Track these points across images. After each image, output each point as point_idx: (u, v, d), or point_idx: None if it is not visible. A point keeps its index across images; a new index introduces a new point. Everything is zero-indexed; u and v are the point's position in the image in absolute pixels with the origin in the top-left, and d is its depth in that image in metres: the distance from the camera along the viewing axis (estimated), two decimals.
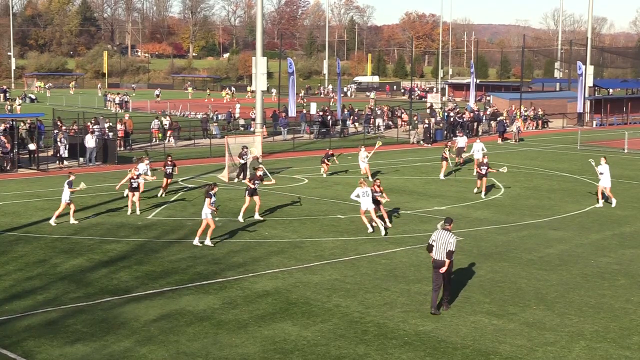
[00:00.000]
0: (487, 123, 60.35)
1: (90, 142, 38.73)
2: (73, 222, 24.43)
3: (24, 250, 21.02)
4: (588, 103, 69.14)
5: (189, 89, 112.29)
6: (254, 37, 62.66)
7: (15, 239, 22.30)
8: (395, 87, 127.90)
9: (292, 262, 20.13)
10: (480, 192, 30.66)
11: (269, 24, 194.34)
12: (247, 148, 33.76)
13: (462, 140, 40.38)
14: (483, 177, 30.65)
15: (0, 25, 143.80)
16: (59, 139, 38.52)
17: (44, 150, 40.30)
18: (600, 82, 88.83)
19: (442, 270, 15.89)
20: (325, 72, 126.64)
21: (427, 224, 24.69)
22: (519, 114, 61.60)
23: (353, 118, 60.89)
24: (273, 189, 30.46)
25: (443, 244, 15.86)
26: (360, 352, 13.94)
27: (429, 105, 69.99)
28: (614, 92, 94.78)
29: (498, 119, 56.56)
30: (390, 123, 61.06)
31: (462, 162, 38.88)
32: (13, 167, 36.36)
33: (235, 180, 33.18)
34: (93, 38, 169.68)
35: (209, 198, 21.50)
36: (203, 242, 21.72)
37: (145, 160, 29.49)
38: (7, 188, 31.32)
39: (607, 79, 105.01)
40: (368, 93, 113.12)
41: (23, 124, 42.18)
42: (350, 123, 59.52)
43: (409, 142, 51.17)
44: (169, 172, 29.30)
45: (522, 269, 19.65)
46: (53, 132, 41.49)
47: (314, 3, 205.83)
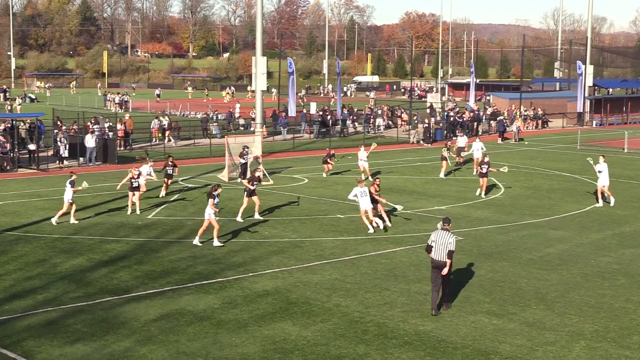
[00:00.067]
0: (487, 123, 60.36)
1: (90, 141, 38.74)
2: (73, 221, 24.44)
3: (24, 250, 21.03)
4: (588, 103, 69.13)
5: (189, 89, 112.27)
6: (254, 36, 62.66)
7: (15, 239, 22.31)
8: (395, 86, 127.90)
9: (292, 261, 20.14)
10: (483, 195, 30.51)
11: (269, 24, 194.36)
12: (248, 148, 33.79)
13: (462, 140, 40.51)
14: (484, 176, 30.63)
15: (0, 25, 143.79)
16: (59, 139, 38.53)
17: (44, 150, 40.31)
18: (600, 81, 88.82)
19: (444, 272, 15.88)
20: (325, 71, 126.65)
21: (427, 224, 24.69)
22: (519, 114, 61.61)
23: (352, 118, 60.93)
24: (273, 189, 30.46)
25: (443, 245, 15.85)
26: (360, 351, 13.94)
27: (429, 105, 69.99)
28: (614, 91, 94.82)
29: (498, 119, 56.58)
30: (390, 123, 61.06)
31: (462, 161, 38.92)
32: (13, 166, 36.38)
33: (238, 180, 33.19)
34: (93, 38, 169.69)
35: (212, 199, 21.50)
36: (203, 242, 21.73)
37: (150, 162, 29.55)
38: (7, 188, 31.34)
39: (607, 79, 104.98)
40: (368, 93, 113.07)
41: (23, 124, 42.18)
42: (350, 123, 59.54)
43: (409, 141, 51.17)
44: (169, 172, 29.33)
45: (522, 269, 19.65)
46: (53, 132, 41.50)
47: (314, 3, 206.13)
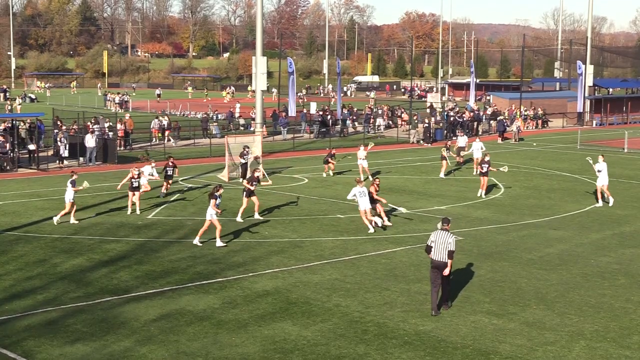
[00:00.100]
0: (487, 122, 60.36)
1: (91, 141, 38.74)
2: (73, 221, 24.44)
3: (24, 250, 21.03)
4: (588, 102, 69.14)
5: (189, 89, 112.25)
6: (254, 36, 62.68)
7: (15, 239, 22.31)
8: (395, 86, 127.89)
9: (292, 261, 20.13)
10: (483, 195, 30.46)
11: (269, 24, 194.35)
12: (248, 148, 33.75)
13: (462, 140, 40.54)
14: (484, 175, 30.58)
15: (0, 25, 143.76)
16: (59, 139, 38.53)
17: (44, 150, 40.31)
18: (600, 81, 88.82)
19: (445, 273, 15.88)
20: (325, 71, 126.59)
21: (427, 224, 24.69)
22: (519, 114, 61.62)
23: (352, 118, 60.91)
24: (273, 189, 30.47)
25: (442, 245, 15.84)
26: (360, 351, 13.94)
27: (429, 105, 70.00)
28: (614, 91, 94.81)
29: (498, 119, 56.58)
30: (390, 123, 61.06)
31: (462, 161, 38.93)
32: (13, 166, 36.38)
33: (240, 181, 33.19)
34: (93, 38, 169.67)
35: (214, 199, 21.49)
36: (203, 242, 21.73)
37: (152, 163, 29.53)
38: (7, 188, 31.33)
39: (607, 79, 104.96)
40: (368, 92, 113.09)
41: (23, 124, 42.19)
42: (350, 123, 59.52)
43: (409, 141, 51.17)
44: (170, 173, 29.24)
45: (522, 269, 19.65)
46: (53, 131, 41.50)
47: (314, 3, 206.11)
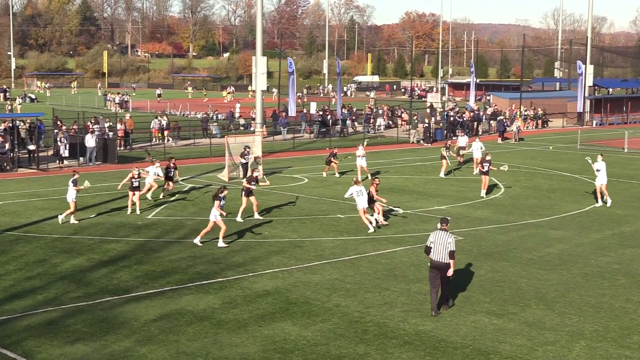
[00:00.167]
0: (487, 122, 60.35)
1: (91, 141, 38.74)
2: (73, 221, 24.44)
3: (24, 250, 21.03)
4: (588, 102, 69.13)
5: (189, 89, 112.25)
6: (254, 36, 62.67)
7: (15, 239, 22.31)
8: (395, 86, 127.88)
9: (292, 261, 20.13)
10: (484, 195, 30.41)
11: (269, 24, 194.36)
12: (249, 148, 33.71)
13: (462, 140, 40.55)
14: (485, 174, 30.53)
15: (0, 25, 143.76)
16: (59, 139, 38.53)
17: (44, 150, 40.31)
18: (600, 81, 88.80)
19: (450, 273, 15.90)
20: (325, 71, 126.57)
21: (427, 224, 24.68)
22: (519, 114, 61.61)
23: (352, 118, 60.89)
24: (273, 189, 30.47)
25: (442, 245, 15.82)
26: (360, 351, 13.94)
27: (429, 105, 70.00)
28: (614, 91, 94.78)
29: (498, 119, 56.57)
30: (390, 123, 61.06)
31: (462, 161, 38.94)
32: (13, 166, 36.38)
33: (244, 181, 33.15)
34: (93, 38, 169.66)
35: (219, 201, 21.49)
36: (204, 242, 21.73)
37: (157, 163, 29.50)
38: (7, 188, 31.33)
39: (607, 79, 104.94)
40: (368, 92, 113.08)
41: (23, 124, 42.18)
42: (350, 123, 59.49)
43: (409, 141, 51.17)
44: (170, 175, 29.19)
45: (522, 269, 19.64)
46: (53, 131, 41.51)
47: (314, 3, 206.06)
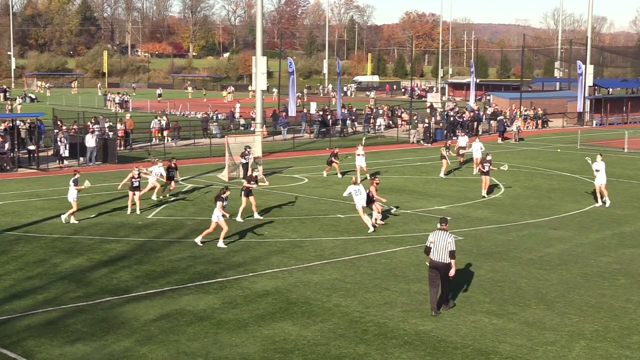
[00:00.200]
0: (487, 122, 60.34)
1: (91, 141, 38.74)
2: (73, 221, 24.45)
3: (24, 250, 21.03)
4: (588, 102, 69.12)
5: (189, 89, 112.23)
6: (254, 36, 62.67)
7: (15, 239, 22.31)
8: (395, 86, 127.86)
9: (292, 261, 20.14)
10: (485, 195, 30.38)
11: (269, 24, 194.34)
12: (250, 148, 33.68)
13: (463, 140, 40.56)
14: (486, 174, 30.49)
15: (0, 25, 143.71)
16: (59, 139, 38.53)
17: (44, 150, 40.31)
18: (600, 81, 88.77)
19: (452, 274, 15.92)
20: (325, 71, 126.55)
21: (427, 224, 24.68)
22: (519, 114, 61.60)
23: (351, 118, 60.86)
24: (273, 189, 30.47)
25: (442, 245, 15.82)
26: (360, 351, 13.94)
27: (429, 105, 69.97)
28: (614, 91, 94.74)
29: (498, 119, 56.56)
30: (391, 123, 61.04)
31: (462, 160, 38.95)
32: (13, 166, 36.38)
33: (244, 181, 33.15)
34: (93, 38, 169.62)
35: (221, 202, 21.50)
36: (204, 242, 21.73)
37: (159, 163, 29.51)
38: (7, 188, 31.33)
39: (607, 79, 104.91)
40: (368, 92, 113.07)
41: (23, 124, 42.18)
42: (350, 122, 59.46)
43: (409, 141, 51.17)
44: (171, 174, 29.19)
45: (522, 269, 19.64)
46: (53, 131, 41.51)
47: (314, 2, 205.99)
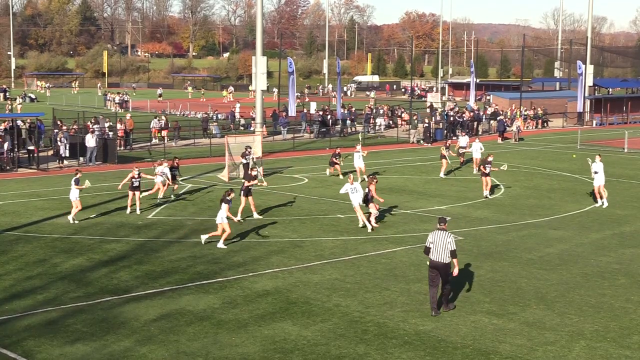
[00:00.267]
0: (487, 122, 60.33)
1: (91, 141, 38.74)
2: (74, 221, 24.43)
3: (24, 250, 21.03)
4: (588, 102, 69.13)
5: (189, 89, 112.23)
6: (254, 36, 62.65)
7: (15, 239, 22.31)
8: (395, 86, 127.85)
9: (292, 261, 20.13)
10: (488, 195, 30.32)
11: (269, 24, 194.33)
12: (250, 148, 33.67)
13: (463, 140, 40.55)
14: (487, 175, 30.46)
15: (0, 25, 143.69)
16: (59, 139, 38.53)
17: (44, 150, 40.31)
18: (600, 81, 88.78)
19: (455, 273, 15.97)
20: (325, 71, 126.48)
21: (427, 224, 24.67)
22: (519, 114, 61.58)
23: (351, 117, 60.82)
24: (273, 189, 30.47)
25: (442, 245, 15.81)
26: (360, 351, 13.94)
27: (429, 105, 69.95)
28: (614, 91, 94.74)
29: (498, 119, 56.55)
30: (391, 122, 61.03)
31: (462, 161, 38.95)
32: (13, 166, 36.38)
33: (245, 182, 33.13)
34: (93, 38, 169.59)
35: (227, 204, 21.50)
36: (209, 242, 21.73)
37: (164, 163, 29.50)
38: (7, 188, 31.33)
39: (607, 79, 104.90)
40: (368, 92, 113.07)
41: (23, 124, 42.17)
42: (349, 122, 59.43)
43: (409, 141, 51.17)
44: (174, 174, 29.15)
45: (522, 269, 19.64)
46: (53, 131, 41.51)
47: (314, 2, 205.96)
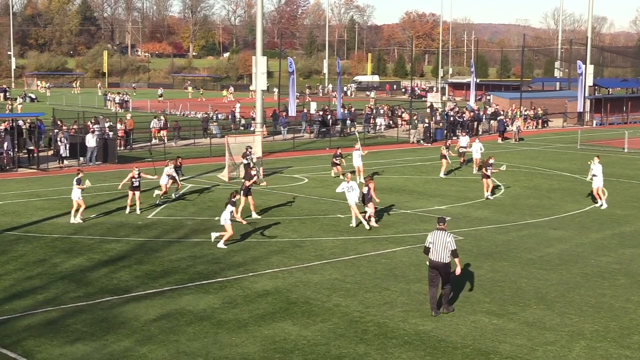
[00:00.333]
0: (487, 122, 60.33)
1: (91, 141, 38.73)
2: (73, 221, 24.44)
3: (24, 250, 21.03)
4: (588, 102, 69.13)
5: (189, 89, 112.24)
6: (254, 36, 62.58)
7: (15, 239, 22.31)
8: (395, 86, 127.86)
9: (292, 261, 20.13)
10: (489, 196, 30.24)
11: (269, 24, 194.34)
12: (251, 148, 33.67)
13: (464, 140, 40.54)
14: (488, 178, 30.38)
15: (0, 25, 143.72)
16: (59, 139, 38.53)
17: (44, 150, 40.30)
18: (600, 81, 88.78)
19: (457, 272, 16.03)
20: (326, 71, 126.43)
21: (427, 224, 24.67)
22: (519, 114, 61.57)
23: (351, 118, 60.80)
24: (273, 189, 30.46)
25: (442, 245, 15.80)
26: (360, 351, 13.94)
27: (429, 105, 69.95)
28: (614, 91, 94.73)
29: (498, 119, 56.55)
30: (391, 122, 61.01)
31: (463, 161, 38.95)
32: (13, 166, 36.39)
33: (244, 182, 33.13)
34: (93, 37, 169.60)
35: (233, 206, 21.50)
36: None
37: (170, 164, 29.49)
38: (7, 188, 31.33)
39: (607, 78, 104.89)
40: (368, 92, 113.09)
41: (23, 124, 42.16)
42: (349, 122, 59.41)
43: (409, 141, 51.17)
44: (177, 173, 29.14)
45: (522, 269, 19.64)
46: (53, 131, 41.51)
47: (314, 2, 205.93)
